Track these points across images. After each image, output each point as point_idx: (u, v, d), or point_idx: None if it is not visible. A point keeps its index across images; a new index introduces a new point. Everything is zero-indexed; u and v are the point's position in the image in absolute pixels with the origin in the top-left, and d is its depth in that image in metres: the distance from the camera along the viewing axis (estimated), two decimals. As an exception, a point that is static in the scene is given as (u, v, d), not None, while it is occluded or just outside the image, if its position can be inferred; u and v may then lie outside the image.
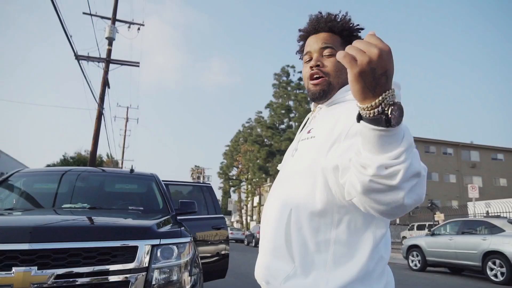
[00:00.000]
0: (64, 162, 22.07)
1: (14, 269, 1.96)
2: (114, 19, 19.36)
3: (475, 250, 9.57)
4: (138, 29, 21.17)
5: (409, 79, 75.30)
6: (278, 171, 1.28)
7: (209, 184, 5.77)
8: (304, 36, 1.26)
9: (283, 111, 35.06)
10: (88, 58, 19.92)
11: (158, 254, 2.32)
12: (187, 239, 2.57)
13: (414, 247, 11.69)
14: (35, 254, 2.02)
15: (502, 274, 8.85)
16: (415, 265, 11.57)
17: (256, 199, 47.44)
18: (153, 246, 2.30)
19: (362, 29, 1.22)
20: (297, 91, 34.93)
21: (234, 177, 50.32)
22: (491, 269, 9.12)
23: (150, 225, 2.47)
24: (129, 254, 2.22)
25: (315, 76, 1.17)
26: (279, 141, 33.33)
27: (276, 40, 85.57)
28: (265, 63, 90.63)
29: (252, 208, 49.14)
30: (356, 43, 0.74)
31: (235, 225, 50.17)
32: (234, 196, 52.91)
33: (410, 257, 11.80)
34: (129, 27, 21.09)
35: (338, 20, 1.20)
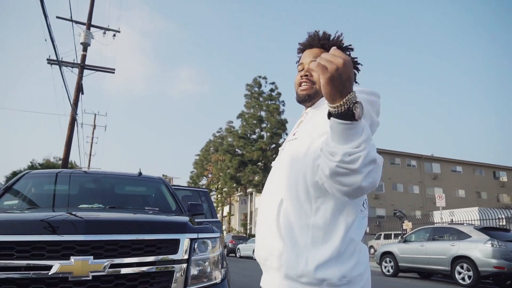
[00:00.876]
0: (32, 168, 21.25)
1: (72, 258, 2.08)
2: (89, 25, 19.11)
3: (444, 255, 10.16)
4: (114, 35, 20.89)
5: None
6: (250, 180, 1.51)
7: (206, 190, 5.93)
8: (301, 49, 1.50)
9: (254, 121, 35.41)
10: (61, 63, 19.50)
11: (196, 247, 2.50)
12: (218, 235, 2.76)
13: (387, 254, 12.20)
14: (90, 245, 2.15)
15: (469, 277, 9.45)
16: (388, 271, 12.07)
17: (226, 208, 47.31)
18: (191, 239, 2.48)
19: (351, 49, 1.46)
20: (269, 102, 35.46)
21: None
22: (459, 273, 9.72)
23: (187, 221, 2.65)
24: (172, 246, 2.38)
25: (303, 84, 1.42)
26: (251, 151, 33.59)
27: (247, 50, 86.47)
28: (235, 73, 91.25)
29: (222, 218, 48.94)
30: (324, 55, 0.97)
31: (204, 235, 49.78)
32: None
33: (384, 263, 12.30)
34: (104, 33, 20.82)
35: (331, 39, 1.44)
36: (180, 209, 3.72)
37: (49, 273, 2.04)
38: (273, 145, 34.86)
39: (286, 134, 35.61)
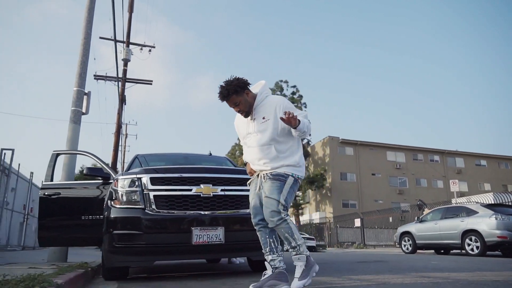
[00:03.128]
0: (82, 173, 23.60)
1: (201, 185, 3.90)
2: (128, 43, 21.30)
3: (455, 230, 11.52)
4: (150, 50, 23.16)
5: (401, 90, 78.45)
6: None
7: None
8: (221, 100, 2.98)
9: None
10: (106, 78, 21.89)
11: (263, 183, 4.29)
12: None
13: (406, 234, 13.63)
14: (209, 179, 3.97)
15: (477, 247, 10.78)
16: (407, 249, 13.49)
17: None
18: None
19: (248, 83, 3.01)
20: (292, 105, 37.14)
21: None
22: (468, 245, 11.07)
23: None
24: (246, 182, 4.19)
25: (242, 114, 3.01)
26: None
27: (266, 56, 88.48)
28: (256, 78, 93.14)
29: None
30: (288, 115, 2.72)
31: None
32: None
33: (403, 242, 13.73)
34: (141, 49, 23.06)
35: (231, 91, 2.88)
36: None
37: (190, 192, 3.87)
38: (297, 146, 36.47)
39: (309, 135, 37.08)
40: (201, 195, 3.89)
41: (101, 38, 21.44)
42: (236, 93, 2.90)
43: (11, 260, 5.88)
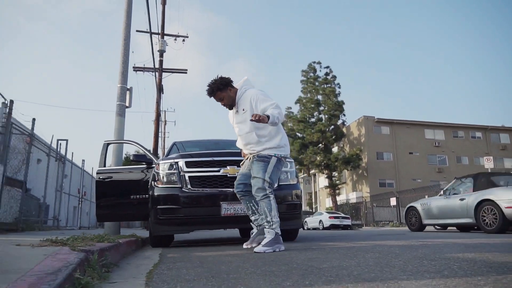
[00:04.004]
0: (127, 159, 25.14)
1: (228, 167, 4.62)
2: (163, 34, 22.24)
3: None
4: (183, 40, 24.05)
5: (439, 68, 75.39)
6: (313, 161, 3.86)
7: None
8: (208, 96, 3.74)
9: (312, 105, 37.24)
10: (144, 69, 23.05)
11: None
12: (293, 160, 5.18)
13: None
14: (234, 162, 4.68)
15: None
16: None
17: (291, 190, 49.90)
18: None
19: (231, 81, 3.75)
20: (325, 86, 37.05)
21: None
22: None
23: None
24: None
25: (225, 106, 3.79)
26: (311, 133, 35.57)
27: (299, 38, 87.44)
28: (289, 61, 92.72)
29: (287, 200, 51.64)
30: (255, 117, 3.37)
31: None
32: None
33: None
34: (175, 39, 23.99)
35: (215, 88, 3.65)
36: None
37: (219, 173, 4.60)
38: (332, 126, 36.52)
39: (344, 115, 37.06)
40: (228, 175, 4.61)
41: (137, 31, 22.50)
42: (220, 90, 3.64)
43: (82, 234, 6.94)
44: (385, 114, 53.50)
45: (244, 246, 3.55)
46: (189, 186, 4.58)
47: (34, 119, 9.87)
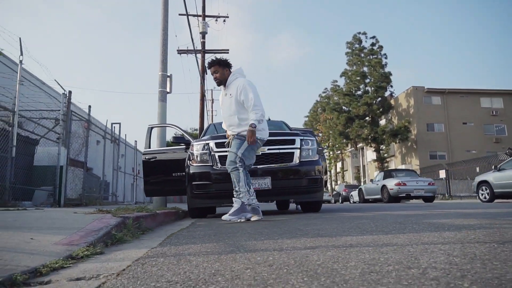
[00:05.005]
0: (175, 139, 26.66)
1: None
2: (204, 16, 22.78)
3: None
4: (224, 21, 24.49)
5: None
6: (359, 134, 4.27)
7: (311, 129, 8.73)
8: (208, 68, 4.38)
9: (358, 78, 36.45)
10: (188, 51, 23.86)
11: (303, 143, 5.36)
12: (314, 138, 5.59)
13: (483, 183, 13.51)
14: (258, 141, 5.18)
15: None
16: (485, 198, 13.43)
17: (339, 164, 49.69)
18: (301, 139, 5.35)
19: (228, 64, 4.36)
20: (371, 57, 35.99)
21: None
22: None
23: (298, 132, 5.55)
24: (293, 142, 5.29)
25: (216, 82, 4.34)
26: (357, 107, 35.02)
27: (344, 8, 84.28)
28: (334, 33, 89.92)
29: (336, 174, 51.58)
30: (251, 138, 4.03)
31: (320, 191, 53.06)
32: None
33: (480, 191, 13.65)
34: (216, 20, 24.46)
35: (216, 61, 4.30)
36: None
37: (245, 152, 5.12)
38: (379, 99, 35.63)
39: (391, 86, 35.94)
40: (251, 154, 5.13)
41: (180, 14, 23.22)
42: (219, 65, 4.25)
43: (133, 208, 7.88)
44: (435, 84, 50.85)
45: (224, 218, 4.14)
46: (219, 165, 5.16)
47: (90, 106, 10.96)
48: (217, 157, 5.20)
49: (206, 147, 5.30)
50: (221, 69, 4.25)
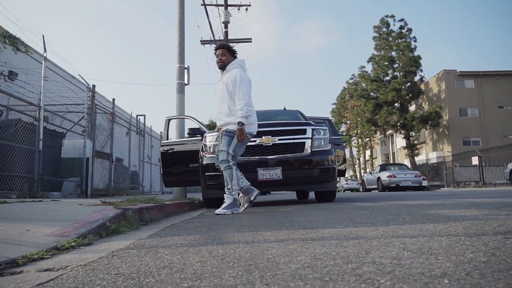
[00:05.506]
0: (191, 131, 27.10)
1: (263, 137, 5.16)
2: (226, 5, 22.73)
3: None
4: (246, 9, 24.37)
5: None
6: (388, 121, 4.23)
7: (329, 117, 8.64)
8: (215, 50, 4.45)
9: (386, 63, 35.46)
10: (211, 42, 23.95)
11: (315, 132, 5.34)
12: (326, 128, 5.55)
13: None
14: (269, 132, 5.20)
15: None
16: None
17: (368, 152, 48.86)
18: (313, 129, 5.32)
19: (235, 52, 4.45)
20: (399, 41, 34.89)
21: (344, 133, 52.32)
22: None
23: (310, 121, 5.53)
24: (304, 132, 5.27)
25: (219, 63, 4.34)
26: (385, 93, 34.16)
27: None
28: (362, 17, 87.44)
29: (364, 162, 50.77)
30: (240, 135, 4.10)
31: (349, 179, 52.39)
32: (345, 152, 54.78)
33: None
34: (238, 9, 24.37)
35: (226, 46, 4.42)
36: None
37: (255, 143, 5.17)
38: (408, 84, 34.61)
39: (421, 70, 34.78)
40: (263, 145, 5.17)
41: (202, 5, 23.31)
42: (228, 50, 4.35)
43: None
44: (468, 67, 48.70)
45: (216, 213, 4.19)
46: (231, 155, 5.24)
47: (114, 99, 11.29)
48: (228, 148, 5.27)
49: (218, 139, 5.37)
50: (228, 54, 4.33)
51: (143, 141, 14.57)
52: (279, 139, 5.20)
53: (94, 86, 9.92)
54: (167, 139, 7.27)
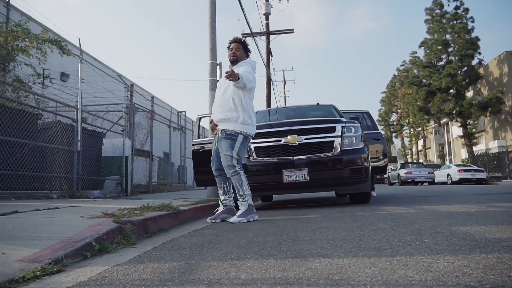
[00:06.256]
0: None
1: (288, 136, 4.88)
2: (267, -3, 22.35)
3: None
4: (288, 0, 23.87)
5: None
6: (442, 109, 3.82)
7: (367, 110, 8.12)
8: (230, 43, 4.08)
9: (439, 47, 33.26)
10: (252, 34, 23.76)
11: (345, 130, 4.96)
12: (358, 124, 5.14)
13: None
14: (295, 131, 4.91)
15: None
16: None
17: (421, 142, 46.45)
18: (342, 126, 4.95)
19: (249, 50, 4.19)
20: (454, 22, 32.51)
21: (394, 123, 50.06)
22: None
23: (340, 118, 5.15)
24: (332, 130, 4.92)
25: (231, 56, 4.00)
26: (438, 79, 32.08)
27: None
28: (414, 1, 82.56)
29: (417, 152, 48.36)
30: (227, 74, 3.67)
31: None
32: (397, 142, 52.63)
33: None
34: (279, 0, 23.92)
35: (242, 41, 4.08)
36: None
37: (280, 143, 4.90)
38: (464, 68, 32.26)
39: (479, 53, 32.26)
40: (289, 144, 4.89)
41: (242, -3, 23.11)
42: (243, 46, 4.05)
43: (189, 196, 8.12)
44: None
45: (208, 220, 3.87)
46: (254, 156, 5.01)
47: (153, 97, 11.47)
48: (252, 148, 5.05)
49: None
50: (243, 50, 4.05)
51: (185, 137, 14.76)
52: (305, 138, 4.89)
53: (132, 85, 10.11)
54: (198, 137, 7.19)
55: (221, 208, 4.01)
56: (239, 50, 3.99)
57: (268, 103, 21.43)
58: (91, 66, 12.84)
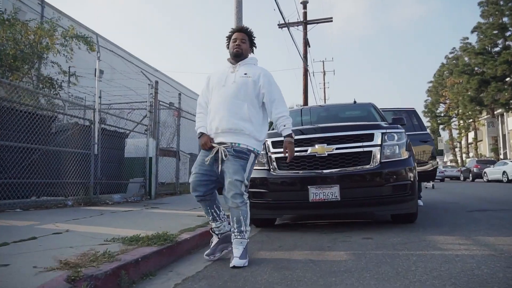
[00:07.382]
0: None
1: (316, 145, 4.05)
2: (304, -16, 21.25)
3: None
4: (327, -15, 22.52)
5: None
6: (496, 99, 2.83)
7: (413, 108, 7.07)
8: (233, 32, 3.14)
9: (495, 32, 30.54)
10: (289, 24, 22.75)
11: (386, 137, 4.06)
12: (402, 130, 4.21)
13: None
14: (324, 139, 4.07)
15: None
16: None
17: (471, 134, 43.38)
18: (382, 133, 4.05)
19: (255, 45, 3.21)
20: (513, 4, 29.67)
21: (442, 114, 47.06)
22: None
23: (379, 123, 4.24)
24: (370, 138, 4.03)
25: (236, 49, 3.02)
26: (493, 67, 29.49)
27: None
28: (468, -21, 76.94)
29: (467, 145, 45.25)
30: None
31: (449, 164, 47.16)
32: (444, 135, 49.51)
33: None
34: (318, -14, 22.60)
35: (248, 31, 3.13)
36: (383, 121, 5.22)
37: (306, 153, 4.07)
38: (524, 54, 29.42)
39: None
40: (316, 155, 4.06)
41: (278, -14, 22.08)
42: (249, 37, 3.16)
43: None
44: None
45: (205, 257, 2.94)
46: (276, 168, 4.23)
47: (180, 94, 10.92)
48: (273, 158, 4.26)
49: (263, 146, 4.37)
50: (249, 42, 3.13)
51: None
52: (336, 148, 4.03)
53: (157, 82, 9.59)
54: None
55: (215, 239, 3.07)
56: (245, 42, 3.08)
57: (305, 96, 20.45)
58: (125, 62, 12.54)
